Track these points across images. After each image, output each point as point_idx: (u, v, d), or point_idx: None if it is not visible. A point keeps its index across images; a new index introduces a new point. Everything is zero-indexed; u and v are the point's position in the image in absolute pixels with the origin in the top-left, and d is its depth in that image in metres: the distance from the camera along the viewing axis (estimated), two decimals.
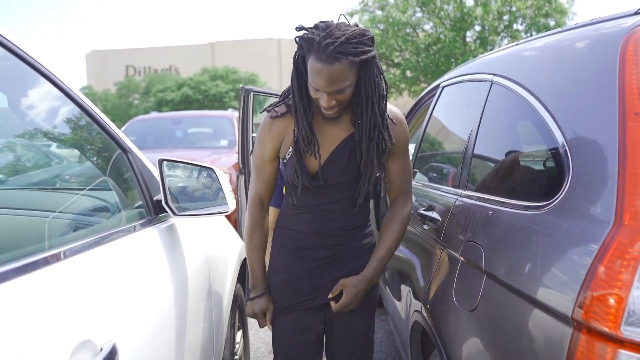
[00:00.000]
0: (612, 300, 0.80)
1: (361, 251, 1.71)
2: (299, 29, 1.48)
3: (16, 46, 1.06)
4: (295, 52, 1.52)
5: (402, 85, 20.89)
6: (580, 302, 0.84)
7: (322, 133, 1.60)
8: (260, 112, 1.76)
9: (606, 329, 0.79)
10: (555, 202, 1.04)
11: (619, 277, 0.81)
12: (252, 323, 3.43)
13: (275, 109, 1.62)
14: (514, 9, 18.87)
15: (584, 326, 0.82)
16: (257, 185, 1.68)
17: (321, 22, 1.45)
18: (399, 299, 2.26)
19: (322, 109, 1.51)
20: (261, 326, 1.75)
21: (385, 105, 1.56)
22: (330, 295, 1.67)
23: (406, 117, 3.11)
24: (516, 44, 1.64)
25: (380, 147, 1.56)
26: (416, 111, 2.94)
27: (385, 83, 1.55)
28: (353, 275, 1.67)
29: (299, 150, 1.57)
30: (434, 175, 2.30)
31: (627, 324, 0.78)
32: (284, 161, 1.64)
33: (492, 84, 1.60)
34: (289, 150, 1.61)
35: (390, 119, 1.59)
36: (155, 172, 1.55)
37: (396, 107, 1.68)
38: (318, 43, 1.38)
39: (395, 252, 2.48)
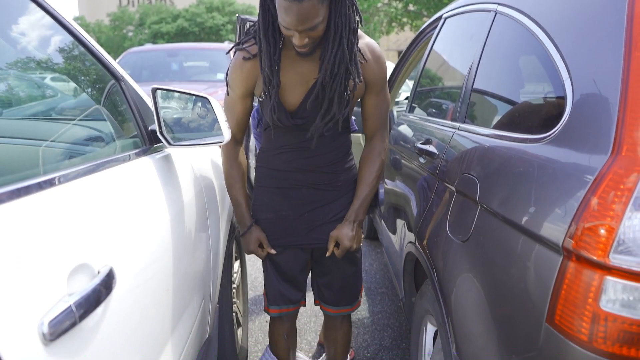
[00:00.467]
0: (602, 230, 0.81)
1: (346, 187, 1.72)
2: None
3: None
4: None
5: (404, 19, 20.29)
6: (572, 232, 0.85)
7: (296, 70, 1.54)
8: (228, 52, 1.71)
9: (595, 257, 0.80)
10: (553, 134, 1.03)
11: (612, 207, 0.81)
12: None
13: (247, 48, 1.55)
14: None
15: (574, 254, 0.84)
16: (230, 122, 1.63)
17: None
18: (394, 232, 2.29)
19: (296, 47, 1.45)
20: (262, 257, 1.78)
21: (356, 39, 1.48)
22: (328, 254, 1.71)
23: (406, 51, 3.04)
24: None
25: (343, 84, 1.50)
26: (417, 44, 2.86)
27: (358, 15, 1.47)
28: (343, 214, 1.70)
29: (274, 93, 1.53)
30: (433, 109, 2.27)
31: (615, 252, 0.79)
32: (260, 99, 1.61)
33: (496, 14, 1.54)
34: (264, 90, 1.56)
35: (362, 54, 1.53)
36: (150, 103, 1.53)
37: (398, 42, 1.63)
38: None
39: (391, 187, 2.51)
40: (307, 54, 1.48)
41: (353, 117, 2.42)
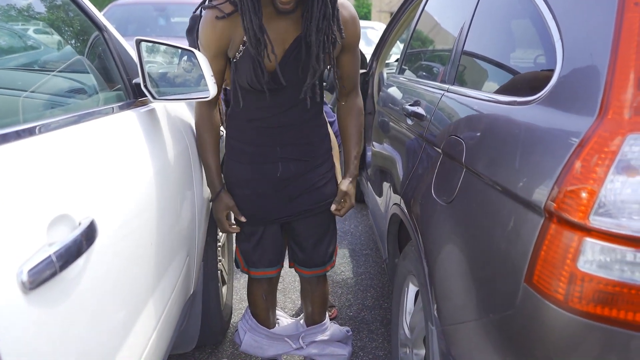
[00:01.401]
0: (584, 194, 0.82)
1: (323, 156, 1.71)
2: None
3: None
4: None
5: None
6: (554, 195, 0.86)
7: (274, 30, 1.48)
8: (195, 11, 1.60)
9: (575, 219, 0.81)
10: (541, 97, 1.02)
11: (595, 170, 0.81)
12: None
13: (218, 6, 1.48)
14: None
15: (555, 216, 0.85)
16: None
17: None
18: (380, 194, 2.30)
19: (279, 4, 1.40)
20: (224, 231, 1.75)
21: None
22: (333, 208, 1.73)
23: (397, 12, 2.99)
24: None
25: (329, 39, 1.48)
26: (407, 6, 2.81)
27: None
28: (321, 183, 1.70)
29: (252, 53, 1.47)
30: (422, 72, 2.25)
31: (596, 214, 0.80)
32: (234, 61, 1.54)
33: None
34: (240, 50, 1.51)
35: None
36: (134, 56, 1.49)
37: (390, 3, 1.60)
38: None
39: (378, 149, 2.51)
40: (289, 11, 1.44)
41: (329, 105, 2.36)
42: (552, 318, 0.84)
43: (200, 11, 1.55)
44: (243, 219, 1.71)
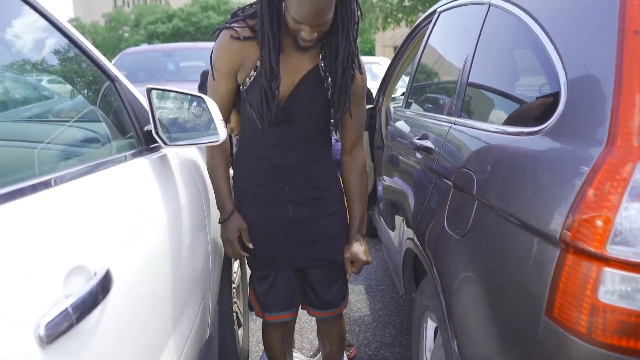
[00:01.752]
0: (599, 222, 0.81)
1: (334, 203, 1.70)
2: None
3: None
4: None
5: (400, 15, 20.27)
6: (569, 224, 0.85)
7: (288, 62, 1.51)
8: (212, 33, 1.62)
9: (592, 249, 0.80)
10: (548, 127, 1.03)
11: (608, 198, 0.81)
12: None
13: (236, 28, 1.51)
14: None
15: (571, 246, 0.84)
16: (213, 98, 1.59)
17: None
18: (393, 229, 2.29)
19: (301, 41, 1.43)
20: (235, 256, 1.72)
21: (357, 33, 1.50)
22: (348, 276, 1.72)
23: (402, 46, 3.04)
24: None
25: (351, 76, 1.52)
26: (412, 40, 2.86)
27: (359, 9, 1.49)
28: (335, 232, 1.69)
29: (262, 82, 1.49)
30: (429, 104, 2.27)
31: (612, 243, 0.79)
32: (244, 88, 1.56)
33: (489, 6, 1.54)
34: (250, 75, 1.53)
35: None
36: (145, 103, 1.52)
37: (393, 38, 1.64)
38: None
39: (389, 183, 2.51)
40: (309, 48, 1.48)
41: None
42: (576, 352, 0.82)
43: (216, 36, 1.58)
44: (250, 246, 1.69)
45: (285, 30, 1.46)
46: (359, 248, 1.69)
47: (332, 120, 1.63)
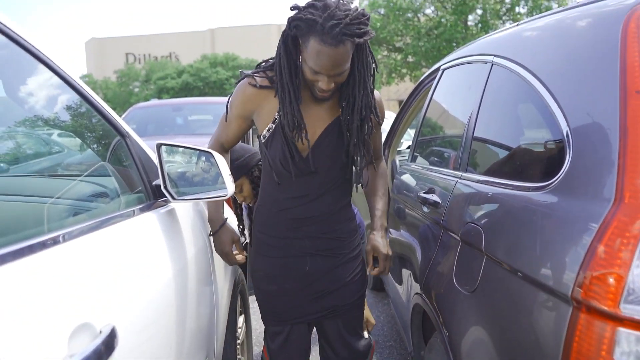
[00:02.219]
0: (611, 279, 0.80)
1: (350, 252, 1.69)
2: (294, 8, 1.43)
3: (14, 32, 1.05)
4: (284, 32, 1.47)
5: (404, 70, 20.77)
6: (580, 282, 0.84)
7: (309, 114, 1.55)
8: (238, 82, 1.68)
9: (605, 308, 0.79)
10: (556, 182, 1.03)
11: (619, 255, 0.80)
12: (254, 308, 3.45)
13: (255, 76, 1.57)
14: None
15: (584, 305, 0.82)
16: (221, 133, 1.69)
17: (315, 0, 1.40)
18: (400, 283, 2.26)
19: (318, 92, 1.48)
20: (232, 263, 1.71)
21: (374, 84, 1.57)
22: (369, 270, 1.68)
23: (407, 101, 3.10)
24: (517, 25, 1.62)
25: (370, 126, 1.57)
26: (416, 95, 2.92)
27: (374, 62, 1.54)
28: (347, 280, 1.67)
29: (285, 134, 1.53)
30: (435, 158, 2.28)
31: (626, 302, 0.78)
32: (263, 141, 1.59)
33: (492, 65, 1.58)
34: (269, 128, 1.56)
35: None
36: (155, 158, 1.54)
37: (398, 92, 1.69)
38: (322, 25, 1.34)
39: (396, 237, 2.49)
40: (327, 99, 1.53)
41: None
42: None
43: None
44: (242, 259, 1.71)
45: (303, 83, 1.51)
46: (380, 240, 1.66)
47: (353, 173, 1.66)
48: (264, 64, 1.62)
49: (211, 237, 1.71)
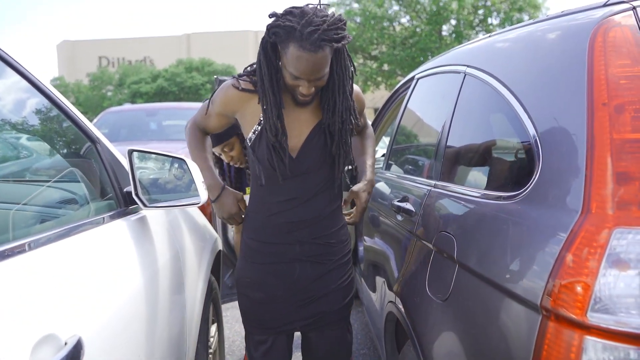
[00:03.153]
0: (579, 288, 0.81)
1: (338, 259, 1.69)
2: (272, 15, 1.45)
3: None
4: (264, 39, 1.49)
5: (379, 79, 20.96)
6: (549, 290, 0.85)
7: (293, 118, 1.57)
8: (214, 86, 1.75)
9: (573, 316, 0.80)
10: (525, 192, 1.05)
11: (586, 264, 0.82)
12: (227, 317, 3.42)
13: (240, 79, 1.60)
14: (488, 3, 19.17)
15: (552, 313, 0.83)
16: (202, 121, 1.72)
17: (292, 7, 1.43)
18: (374, 291, 2.26)
19: (299, 96, 1.50)
20: (238, 223, 1.73)
21: (352, 87, 1.61)
22: (343, 206, 1.70)
23: (382, 109, 3.12)
24: (489, 36, 1.65)
25: (350, 128, 1.61)
26: (391, 103, 2.94)
27: (352, 65, 1.59)
28: (334, 287, 1.67)
29: (269, 138, 1.54)
30: (409, 167, 2.30)
31: (593, 310, 0.79)
32: (249, 143, 1.60)
33: (465, 75, 1.60)
34: (255, 130, 1.58)
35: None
36: (126, 164, 1.52)
37: (373, 100, 1.72)
38: (300, 31, 1.36)
39: (370, 244, 2.50)
40: (308, 103, 1.55)
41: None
42: None
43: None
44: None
45: (284, 87, 1.53)
46: (362, 188, 1.70)
47: (337, 172, 1.66)
48: (249, 68, 1.63)
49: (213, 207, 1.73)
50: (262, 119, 1.56)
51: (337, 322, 1.70)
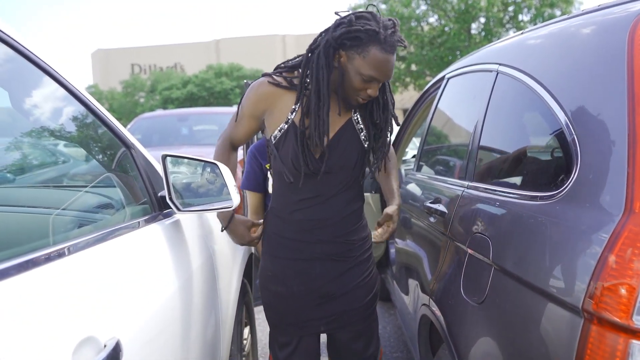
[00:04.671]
0: (623, 290, 0.79)
1: (358, 257, 1.68)
2: (342, 22, 1.49)
3: (20, 44, 1.05)
4: (327, 44, 1.50)
5: (407, 79, 20.81)
6: (591, 293, 0.82)
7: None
8: (244, 89, 1.72)
9: (617, 319, 0.78)
10: (564, 192, 1.02)
11: (630, 266, 0.79)
12: (259, 319, 3.43)
13: (274, 76, 1.61)
14: None
15: (595, 317, 0.81)
16: (232, 131, 1.70)
17: (361, 12, 1.50)
18: (407, 293, 2.24)
19: (360, 99, 1.54)
20: (250, 243, 1.70)
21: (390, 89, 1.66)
22: (378, 233, 1.67)
23: (411, 110, 3.09)
24: (522, 33, 1.62)
25: (389, 126, 1.67)
26: (421, 104, 2.91)
27: None
28: (354, 285, 1.66)
29: (302, 136, 1.55)
30: (440, 167, 2.27)
31: (639, 313, 0.76)
32: (274, 142, 1.60)
33: (497, 73, 1.57)
34: (281, 128, 1.58)
35: None
36: (160, 169, 1.54)
37: (402, 101, 1.72)
38: (383, 34, 1.43)
39: (402, 246, 2.48)
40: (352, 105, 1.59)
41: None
42: None
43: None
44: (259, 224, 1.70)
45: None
46: (395, 211, 1.68)
47: (371, 162, 1.69)
48: (283, 64, 1.65)
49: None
50: (290, 116, 1.57)
51: (360, 320, 1.69)
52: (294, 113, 1.58)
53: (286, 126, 1.57)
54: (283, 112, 1.59)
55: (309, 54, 1.55)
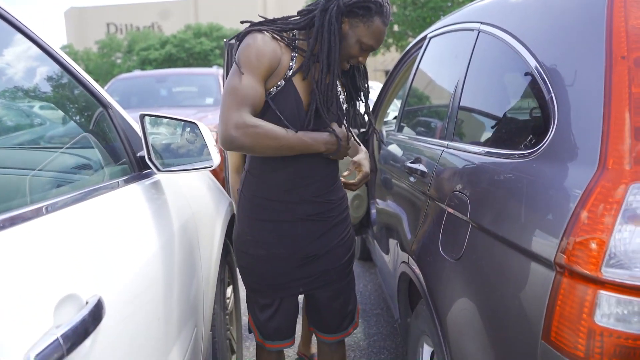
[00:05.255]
0: (594, 244, 0.81)
1: (336, 217, 1.69)
2: None
3: None
4: (338, 12, 1.48)
5: (390, 40, 20.60)
6: (563, 247, 0.85)
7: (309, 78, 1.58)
8: (237, 37, 1.59)
9: (587, 272, 0.80)
10: (540, 150, 1.04)
11: (602, 220, 0.81)
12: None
13: (274, 34, 1.51)
14: None
15: (566, 269, 0.84)
16: (245, 112, 1.43)
17: None
18: (387, 252, 2.28)
19: (348, 65, 1.60)
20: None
21: None
22: (346, 174, 1.75)
23: (393, 71, 3.07)
24: None
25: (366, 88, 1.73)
26: (402, 64, 2.90)
27: None
28: (335, 244, 1.68)
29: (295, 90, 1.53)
30: (421, 128, 2.28)
31: (607, 265, 0.79)
32: (269, 96, 1.51)
33: (479, 32, 1.57)
34: (278, 84, 1.51)
35: None
36: (139, 129, 1.52)
37: (384, 62, 1.73)
38: (385, 7, 1.51)
39: (383, 207, 2.51)
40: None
41: None
42: None
43: (241, 37, 1.56)
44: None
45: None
46: (364, 157, 1.78)
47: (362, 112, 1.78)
48: (269, 22, 1.58)
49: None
50: (288, 73, 1.51)
51: (340, 278, 1.72)
52: (291, 71, 1.52)
53: (283, 82, 1.51)
54: (281, 71, 1.51)
55: (319, 16, 1.50)
